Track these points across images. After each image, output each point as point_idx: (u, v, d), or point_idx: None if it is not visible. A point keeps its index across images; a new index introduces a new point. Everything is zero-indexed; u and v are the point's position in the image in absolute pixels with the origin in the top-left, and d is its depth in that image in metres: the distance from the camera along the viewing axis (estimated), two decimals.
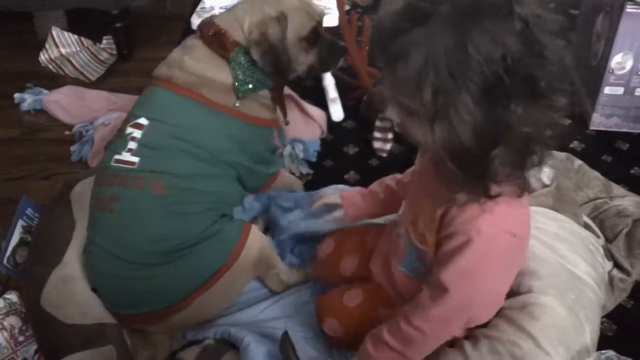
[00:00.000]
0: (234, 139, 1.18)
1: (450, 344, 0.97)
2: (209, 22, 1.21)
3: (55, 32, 2.05)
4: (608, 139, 1.67)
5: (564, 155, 1.43)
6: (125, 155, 1.11)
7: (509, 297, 1.00)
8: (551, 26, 0.71)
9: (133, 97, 1.80)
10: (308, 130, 1.67)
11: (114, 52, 2.11)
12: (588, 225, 1.25)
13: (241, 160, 1.20)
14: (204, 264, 1.11)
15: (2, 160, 1.70)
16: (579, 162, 1.44)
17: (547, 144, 0.75)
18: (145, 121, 1.13)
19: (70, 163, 1.67)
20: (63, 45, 2.04)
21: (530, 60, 0.69)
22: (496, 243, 0.80)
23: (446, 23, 0.68)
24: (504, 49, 0.67)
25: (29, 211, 1.27)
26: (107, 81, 2.02)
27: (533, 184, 1.30)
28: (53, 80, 2.00)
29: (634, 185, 1.46)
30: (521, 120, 0.70)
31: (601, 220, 1.31)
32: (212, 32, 1.18)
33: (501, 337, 0.94)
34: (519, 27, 0.68)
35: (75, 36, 2.07)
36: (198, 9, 1.73)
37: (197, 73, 1.16)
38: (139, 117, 1.14)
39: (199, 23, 1.23)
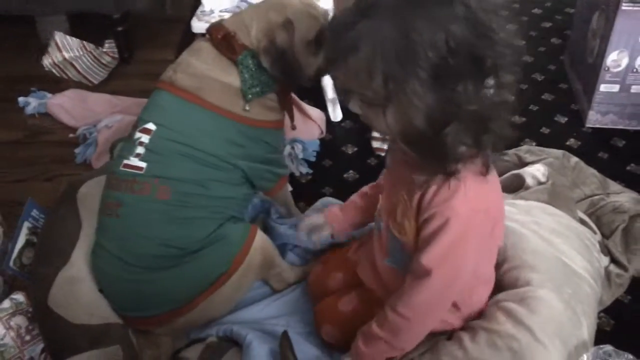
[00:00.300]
0: (238, 142, 1.18)
1: (448, 337, 0.98)
2: (218, 25, 1.20)
3: (59, 37, 2.06)
4: (604, 136, 1.68)
5: (560, 152, 1.44)
6: (134, 160, 1.11)
7: (507, 290, 1.02)
8: (495, 7, 0.74)
9: (135, 100, 1.83)
10: (307, 131, 1.68)
11: (116, 56, 2.12)
12: (584, 221, 1.26)
13: (247, 163, 1.20)
14: (209, 268, 1.11)
15: (7, 163, 1.72)
16: (575, 159, 1.45)
17: (502, 122, 0.78)
18: (153, 126, 1.13)
19: (74, 165, 1.68)
20: (66, 49, 2.06)
21: (475, 41, 0.72)
22: (470, 221, 0.83)
23: (390, 12, 0.73)
24: (447, 33, 0.71)
25: (35, 212, 1.27)
26: (109, 84, 2.04)
27: (529, 181, 1.33)
28: (56, 83, 2.02)
29: (630, 182, 1.47)
30: (470, 99, 0.73)
31: (598, 217, 1.32)
32: (222, 35, 1.16)
33: (499, 330, 0.95)
34: (461, 12, 0.72)
35: (78, 40, 2.08)
36: (198, 12, 1.74)
37: (202, 75, 1.16)
38: (147, 122, 1.13)
39: (208, 26, 1.22)
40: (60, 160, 1.71)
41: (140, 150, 1.11)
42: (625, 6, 1.51)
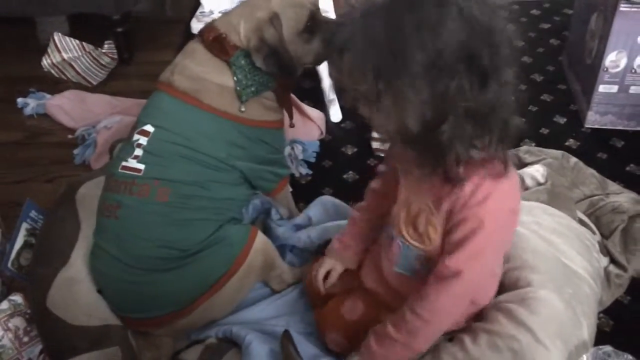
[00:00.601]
0: (239, 143, 1.17)
1: (449, 338, 0.98)
2: (209, 27, 1.20)
3: (57, 38, 2.06)
4: (603, 136, 1.68)
5: (559, 153, 1.45)
6: (132, 162, 1.11)
7: (508, 290, 1.02)
8: (494, 7, 0.75)
9: (134, 101, 1.82)
10: (307, 131, 1.68)
11: (115, 56, 2.12)
12: (583, 222, 1.26)
13: (248, 164, 1.20)
14: (210, 269, 1.11)
15: (6, 164, 1.71)
16: (574, 160, 1.45)
17: (504, 120, 0.78)
18: (151, 128, 1.13)
19: (73, 166, 1.68)
20: (65, 50, 2.05)
21: (469, 40, 0.73)
22: (502, 221, 0.85)
23: (384, 11, 0.75)
24: (438, 32, 0.72)
25: (33, 214, 1.27)
26: (109, 85, 2.04)
27: (527, 182, 1.33)
28: (55, 84, 2.01)
29: (629, 182, 1.47)
30: (466, 97, 0.74)
31: (597, 217, 1.32)
32: (213, 37, 1.16)
33: (500, 332, 0.95)
34: (455, 11, 0.73)
35: (77, 41, 2.08)
36: (197, 13, 1.74)
37: (198, 77, 1.16)
38: (145, 124, 1.13)
39: (201, 28, 1.22)
40: (60, 162, 1.70)
41: (138, 152, 1.11)
42: (623, 7, 1.51)
